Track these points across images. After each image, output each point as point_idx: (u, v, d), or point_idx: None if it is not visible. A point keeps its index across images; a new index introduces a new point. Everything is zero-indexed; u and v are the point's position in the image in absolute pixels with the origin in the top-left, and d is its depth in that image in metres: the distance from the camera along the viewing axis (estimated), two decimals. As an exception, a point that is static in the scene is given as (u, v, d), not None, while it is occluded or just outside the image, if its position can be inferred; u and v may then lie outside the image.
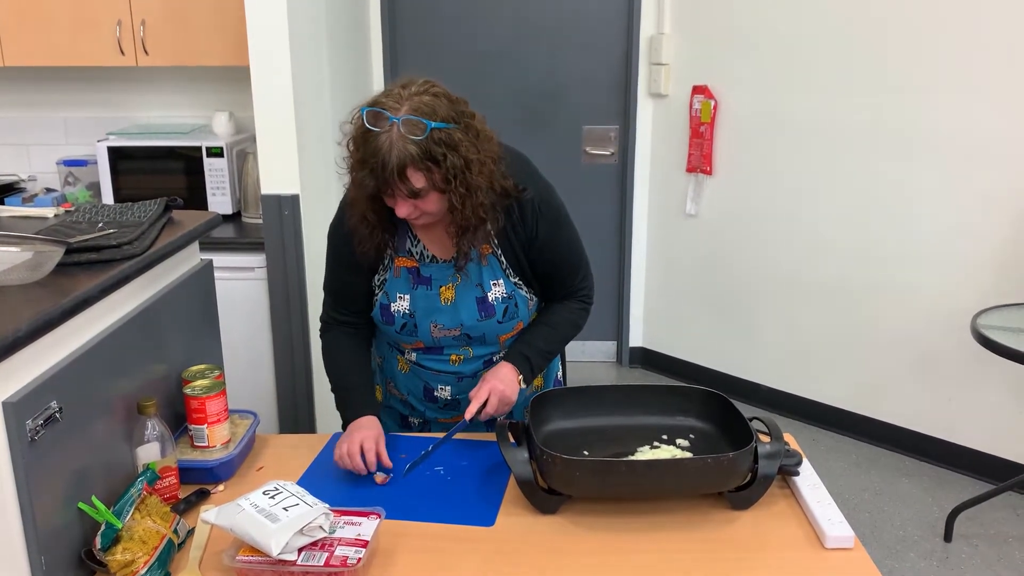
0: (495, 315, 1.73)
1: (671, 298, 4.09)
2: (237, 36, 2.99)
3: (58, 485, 1.29)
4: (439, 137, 1.47)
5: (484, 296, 1.71)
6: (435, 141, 1.46)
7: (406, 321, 1.73)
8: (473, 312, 1.72)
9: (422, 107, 1.47)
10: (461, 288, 1.71)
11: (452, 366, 1.80)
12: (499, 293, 1.72)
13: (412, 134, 1.45)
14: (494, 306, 1.72)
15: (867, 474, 3.30)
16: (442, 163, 1.48)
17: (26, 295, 1.34)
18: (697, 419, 1.70)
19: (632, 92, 3.92)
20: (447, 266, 1.70)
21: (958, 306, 3.16)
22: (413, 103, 1.47)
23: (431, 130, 1.45)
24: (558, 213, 1.76)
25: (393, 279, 1.73)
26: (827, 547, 1.42)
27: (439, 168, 1.48)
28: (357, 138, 1.51)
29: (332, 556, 1.32)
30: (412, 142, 1.45)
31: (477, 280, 1.71)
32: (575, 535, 1.46)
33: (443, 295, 1.72)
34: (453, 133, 1.49)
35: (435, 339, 1.75)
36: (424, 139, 1.45)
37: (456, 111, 1.52)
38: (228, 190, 3.20)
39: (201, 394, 1.63)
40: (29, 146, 3.62)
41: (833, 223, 3.45)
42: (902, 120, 3.19)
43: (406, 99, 1.48)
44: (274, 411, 2.98)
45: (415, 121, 1.45)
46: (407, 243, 1.72)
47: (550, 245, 1.73)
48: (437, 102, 1.49)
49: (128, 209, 1.80)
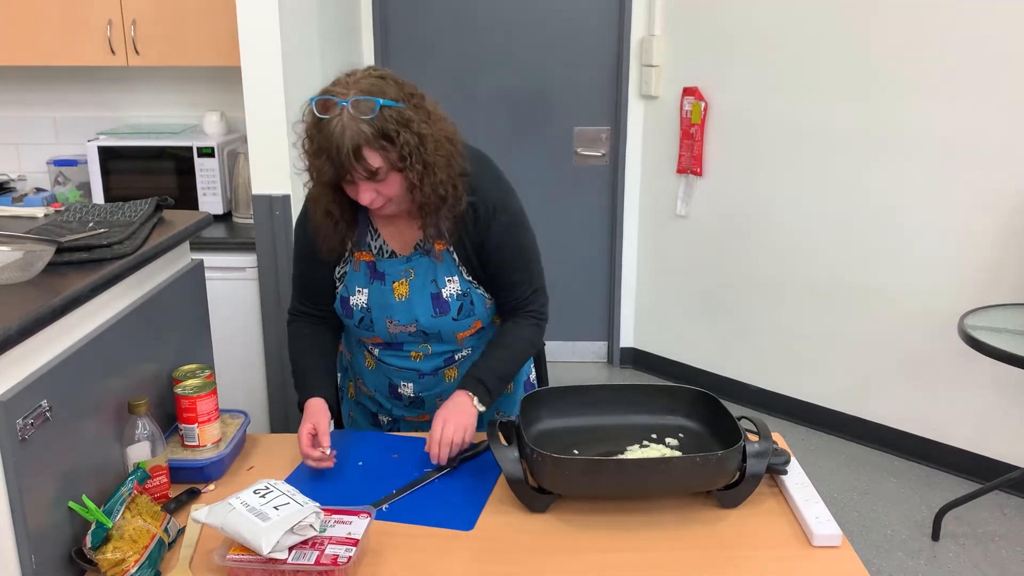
0: (449, 312, 1.73)
1: (662, 298, 4.11)
2: (228, 36, 2.99)
3: (48, 484, 1.29)
4: (390, 115, 1.49)
5: (439, 292, 1.72)
6: (386, 119, 1.48)
7: (363, 315, 1.75)
8: (428, 308, 1.72)
9: (370, 88, 1.50)
10: (415, 284, 1.72)
11: (413, 362, 1.80)
12: (453, 290, 1.72)
13: (363, 114, 1.47)
14: (448, 303, 1.72)
15: (855, 473, 3.32)
16: (396, 140, 1.49)
17: (17, 294, 1.34)
18: (686, 418, 1.71)
19: (623, 93, 3.93)
20: (401, 261, 1.72)
21: (945, 307, 3.18)
22: (360, 86, 1.50)
23: (380, 107, 1.47)
24: (514, 218, 1.72)
25: (352, 272, 1.75)
26: (815, 545, 1.43)
27: (394, 146, 1.50)
28: (311, 129, 1.53)
29: (322, 555, 1.32)
30: (364, 122, 1.47)
31: (432, 276, 1.72)
32: (565, 534, 1.47)
33: (396, 291, 1.73)
34: (403, 111, 1.51)
35: (392, 335, 1.76)
36: (375, 118, 1.47)
37: (404, 92, 1.55)
38: (219, 190, 3.20)
39: (192, 393, 1.63)
40: (19, 146, 3.61)
41: (822, 224, 3.47)
42: (890, 122, 3.21)
43: (353, 84, 1.51)
44: (265, 411, 2.98)
45: (364, 101, 1.47)
46: (367, 236, 1.74)
47: (500, 249, 1.70)
48: (384, 83, 1.53)
49: (119, 209, 1.80)
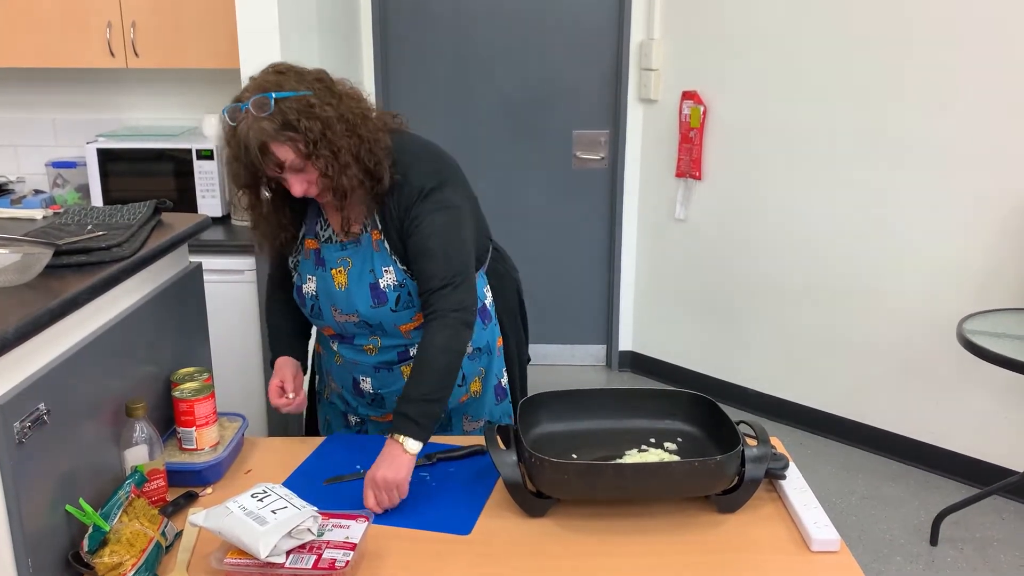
0: (387, 302, 1.71)
1: (660, 302, 4.11)
2: (228, 38, 2.99)
3: (46, 487, 1.28)
4: (289, 106, 1.51)
5: (376, 283, 1.71)
6: (285, 111, 1.51)
7: (313, 303, 1.78)
8: (366, 299, 1.72)
9: (265, 84, 1.54)
10: (353, 273, 1.72)
11: (367, 356, 1.80)
12: (390, 280, 1.71)
13: (261, 111, 1.50)
14: (386, 293, 1.71)
15: (853, 478, 3.32)
16: (299, 128, 1.51)
17: (15, 297, 1.34)
18: (685, 423, 1.71)
19: (622, 97, 3.93)
20: (337, 248, 1.73)
21: (944, 311, 3.18)
22: (256, 84, 1.55)
23: (276, 100, 1.50)
24: (438, 205, 1.66)
25: (303, 260, 1.78)
26: (813, 550, 1.43)
27: (299, 134, 1.52)
28: (227, 137, 1.57)
29: (320, 559, 1.32)
30: (264, 119, 1.50)
31: (370, 266, 1.71)
32: (563, 538, 1.47)
33: (336, 279, 1.74)
34: (305, 99, 1.53)
35: (339, 324, 1.77)
36: (273, 112, 1.50)
37: (306, 80, 1.57)
38: (218, 193, 3.20)
39: (190, 397, 1.63)
40: (18, 147, 3.60)
41: (821, 228, 3.47)
42: (889, 126, 3.21)
43: (252, 87, 1.55)
44: (262, 414, 2.98)
45: (260, 98, 1.50)
46: (316, 225, 1.77)
47: (417, 234, 1.65)
48: (281, 77, 1.55)
49: (117, 211, 1.80)
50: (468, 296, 1.67)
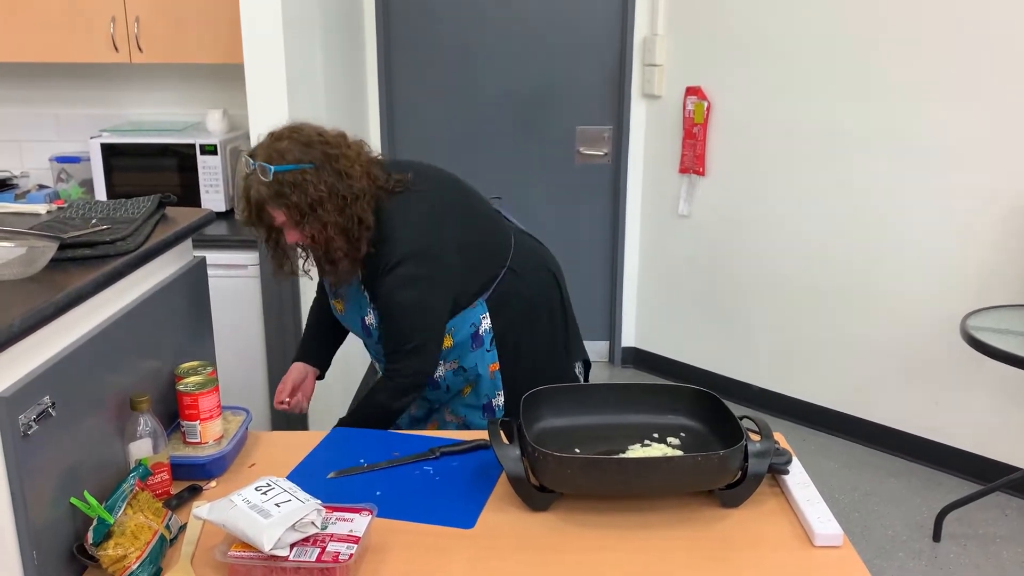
0: (372, 337, 1.92)
1: (663, 298, 4.11)
2: (231, 34, 2.99)
3: (50, 480, 1.29)
4: (285, 178, 1.67)
5: (363, 318, 1.91)
6: (283, 182, 1.67)
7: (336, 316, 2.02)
8: (358, 328, 1.94)
9: (272, 154, 1.69)
10: (348, 306, 1.94)
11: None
12: (372, 320, 1.90)
13: (263, 176, 1.68)
14: (370, 329, 1.91)
15: (856, 474, 3.32)
16: (291, 202, 1.68)
17: (19, 290, 1.34)
18: (688, 418, 1.71)
19: (626, 93, 3.93)
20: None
21: (948, 308, 3.18)
22: (266, 150, 1.71)
23: (275, 173, 1.67)
24: (402, 282, 1.79)
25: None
26: (816, 545, 1.43)
27: (288, 207, 1.69)
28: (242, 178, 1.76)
29: (324, 552, 1.32)
30: (263, 184, 1.68)
31: (358, 304, 1.91)
32: (566, 532, 1.47)
33: (337, 307, 1.97)
34: (302, 174, 1.68)
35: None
36: (271, 181, 1.67)
37: (311, 153, 1.70)
38: (221, 188, 3.20)
39: (194, 390, 1.63)
40: (22, 142, 3.61)
41: (824, 224, 3.47)
42: (893, 123, 3.21)
43: (265, 146, 1.72)
44: (266, 409, 2.98)
45: (262, 166, 1.68)
46: None
47: (382, 301, 1.83)
48: (288, 146, 1.70)
49: (122, 205, 1.80)
50: (422, 363, 1.85)
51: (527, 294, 1.99)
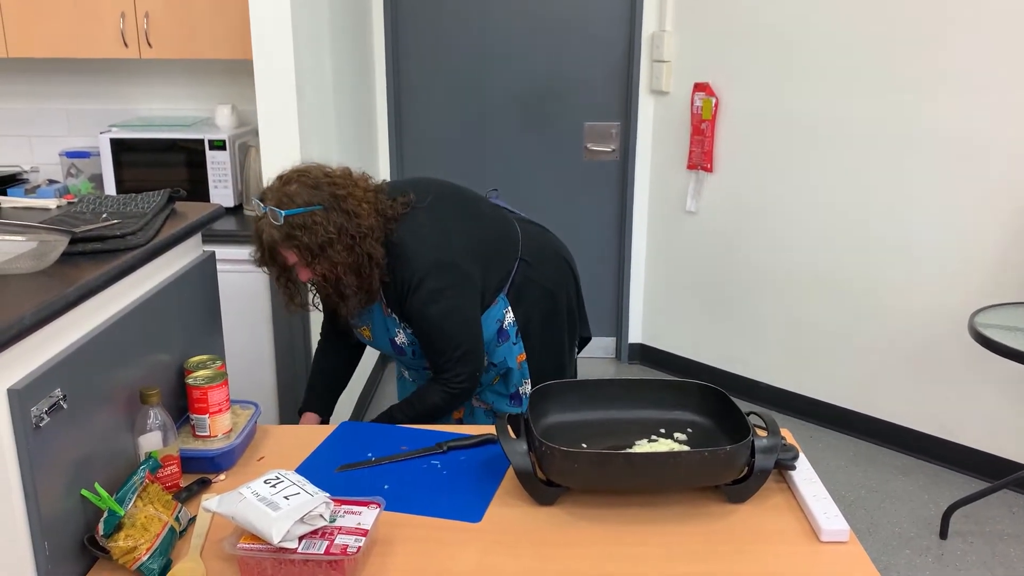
0: (406, 355, 1.98)
1: (670, 295, 4.11)
2: (240, 29, 3.00)
3: (62, 472, 1.30)
4: (295, 221, 1.73)
5: (393, 339, 1.97)
6: (293, 224, 1.73)
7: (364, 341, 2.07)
8: (389, 349, 2.00)
9: (282, 198, 1.74)
10: (376, 330, 1.98)
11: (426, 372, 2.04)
12: (403, 340, 1.96)
13: (274, 220, 1.73)
14: (403, 347, 1.97)
15: (863, 471, 3.32)
16: (301, 244, 1.74)
17: (31, 284, 1.35)
18: (695, 413, 1.71)
19: (633, 89, 3.92)
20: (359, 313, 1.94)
21: (956, 304, 3.17)
22: (276, 194, 1.76)
23: (285, 217, 1.72)
24: (429, 295, 1.85)
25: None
26: (822, 541, 1.44)
27: (299, 248, 1.75)
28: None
29: (332, 544, 1.33)
30: (274, 227, 1.74)
31: (385, 327, 1.96)
32: (573, 527, 1.48)
33: (363, 333, 2.02)
34: (312, 215, 1.73)
35: None
36: (282, 224, 1.72)
37: (319, 195, 1.75)
38: (230, 183, 3.21)
39: (203, 384, 1.64)
40: (32, 137, 3.63)
41: (832, 221, 3.46)
42: (902, 118, 3.20)
43: (275, 190, 1.77)
44: (274, 402, 2.99)
45: (273, 211, 1.74)
46: None
47: (416, 322, 1.88)
48: (297, 189, 1.75)
49: (131, 200, 1.81)
50: (473, 366, 1.91)
51: (542, 281, 2.06)
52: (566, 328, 2.12)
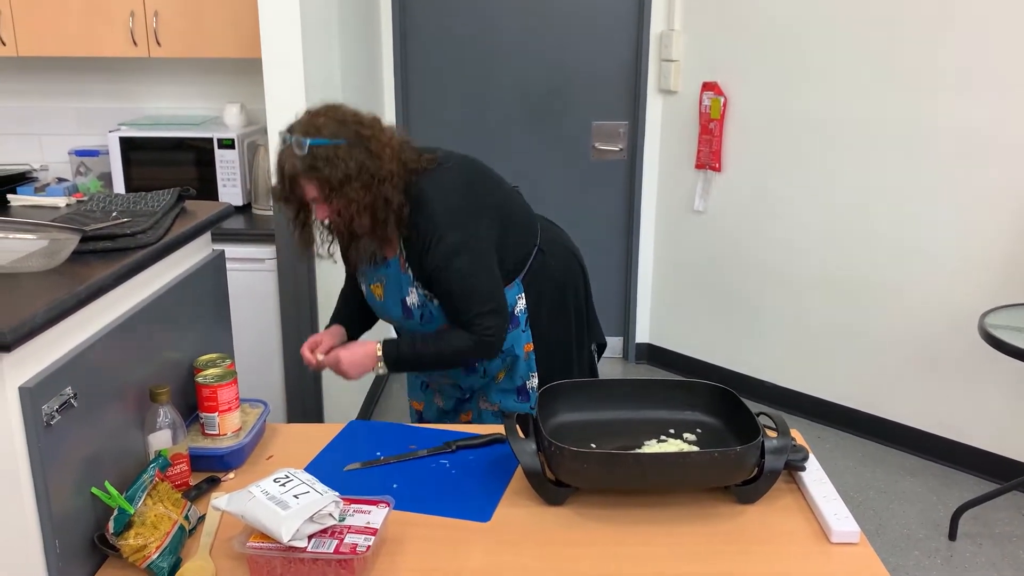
0: (413, 318, 1.93)
1: (678, 294, 4.10)
2: (249, 28, 3.01)
3: (72, 470, 1.30)
4: (319, 152, 1.70)
5: (404, 299, 1.92)
6: (316, 155, 1.70)
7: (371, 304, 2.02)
8: (398, 311, 1.95)
9: (308, 128, 1.73)
10: (388, 289, 1.94)
11: None
12: (414, 300, 1.91)
13: (298, 149, 1.70)
14: (412, 310, 1.92)
15: (872, 472, 3.31)
16: (322, 174, 1.70)
17: (42, 282, 1.36)
18: (704, 414, 1.71)
19: (642, 88, 3.92)
20: (375, 269, 1.94)
21: (965, 305, 3.16)
22: (304, 125, 1.74)
23: (310, 146, 1.70)
24: (453, 250, 1.82)
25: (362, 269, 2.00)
26: (832, 542, 1.43)
27: (319, 180, 1.71)
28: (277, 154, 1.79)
29: (342, 543, 1.33)
30: (298, 157, 1.71)
31: (399, 284, 1.92)
32: (581, 527, 1.48)
33: (374, 291, 1.97)
34: (335, 149, 1.71)
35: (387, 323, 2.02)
36: (305, 154, 1.70)
37: (345, 131, 1.73)
38: (239, 182, 3.21)
39: (213, 382, 1.65)
40: (41, 136, 3.64)
41: (840, 220, 3.45)
42: (911, 118, 3.19)
43: (303, 122, 1.75)
44: (282, 401, 3.00)
45: (297, 139, 1.71)
46: None
47: (438, 277, 1.84)
48: (325, 122, 1.73)
49: (141, 199, 1.82)
50: (500, 319, 1.86)
51: (555, 275, 2.05)
52: (573, 327, 2.10)
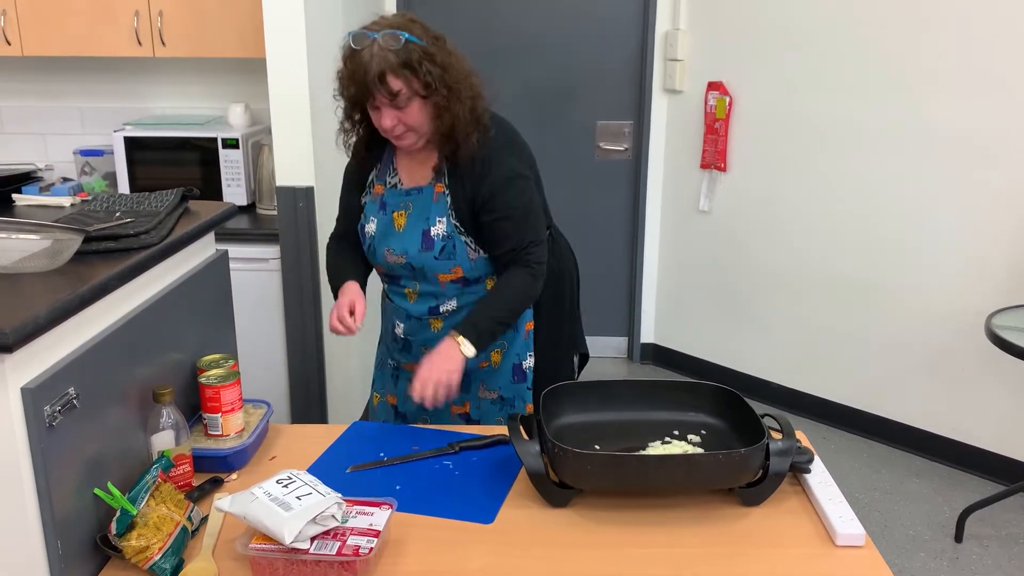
0: (433, 249, 1.86)
1: (683, 294, 4.09)
2: (254, 28, 3.01)
3: (75, 471, 1.30)
4: (414, 48, 1.68)
5: (428, 229, 1.86)
6: (410, 51, 1.67)
7: (370, 243, 1.93)
8: (416, 242, 1.87)
9: (397, 24, 1.70)
10: (411, 217, 1.87)
11: (407, 302, 1.95)
12: (440, 230, 1.85)
13: (390, 46, 1.66)
14: (434, 241, 1.85)
15: (877, 473, 3.30)
16: (419, 70, 1.68)
17: (45, 282, 1.35)
18: (709, 415, 1.70)
19: (647, 88, 3.91)
20: (402, 193, 1.88)
21: (971, 306, 3.14)
22: (391, 22, 1.71)
23: (406, 41, 1.67)
24: (509, 173, 1.83)
25: (370, 203, 1.93)
26: (838, 544, 1.42)
27: (416, 76, 1.68)
28: (345, 56, 1.73)
29: (344, 545, 1.32)
30: (391, 51, 1.66)
31: (426, 213, 1.86)
32: (585, 529, 1.47)
33: (396, 220, 1.89)
34: (427, 48, 1.70)
35: (389, 265, 1.92)
36: (400, 49, 1.66)
37: (429, 35, 1.72)
38: (243, 181, 3.22)
39: (216, 383, 1.64)
40: (46, 135, 3.64)
41: (846, 221, 3.44)
42: (916, 118, 3.17)
43: (384, 23, 1.71)
44: (286, 402, 3.00)
45: (392, 34, 1.67)
46: (387, 174, 1.92)
47: (496, 203, 1.81)
48: (412, 24, 1.72)
49: (145, 199, 1.82)
50: (543, 253, 1.88)
51: (559, 263, 2.05)
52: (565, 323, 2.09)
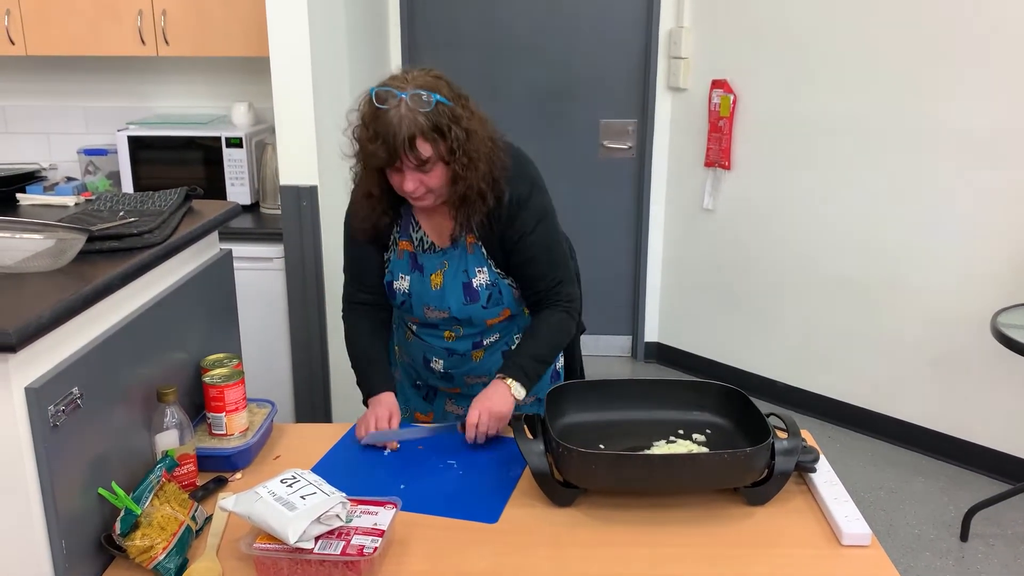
0: (479, 300, 1.83)
1: (687, 293, 4.08)
2: (257, 27, 3.00)
3: (79, 470, 1.30)
4: (443, 111, 1.61)
5: (469, 282, 1.82)
6: (440, 114, 1.61)
7: (404, 299, 1.86)
8: (459, 296, 1.82)
9: (425, 84, 1.63)
10: (449, 274, 1.83)
11: (446, 341, 1.91)
12: (483, 280, 1.82)
13: (419, 107, 1.59)
14: (479, 292, 1.82)
15: (883, 472, 3.29)
16: (447, 134, 1.62)
17: (49, 282, 1.35)
18: (714, 414, 1.70)
19: (651, 86, 3.90)
20: (438, 255, 1.83)
21: (976, 304, 3.13)
22: (418, 82, 1.63)
23: (436, 103, 1.60)
24: (538, 214, 1.80)
25: (396, 260, 1.86)
26: (844, 544, 1.42)
27: (444, 139, 1.62)
28: (367, 116, 1.63)
29: (349, 545, 1.32)
30: (421, 114, 1.59)
31: (463, 267, 1.82)
32: (590, 528, 1.47)
33: (433, 281, 1.84)
34: (454, 109, 1.64)
35: (428, 319, 1.87)
36: (431, 111, 1.59)
37: (454, 93, 1.67)
38: (247, 181, 3.21)
39: (220, 382, 1.64)
40: (50, 135, 3.65)
41: (851, 219, 3.43)
42: (921, 117, 3.16)
43: (411, 80, 1.63)
44: (290, 401, 2.99)
45: (422, 95, 1.60)
46: (409, 228, 1.84)
47: (522, 243, 1.79)
48: (439, 83, 1.66)
49: (149, 198, 1.81)
50: (574, 290, 1.87)
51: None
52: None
